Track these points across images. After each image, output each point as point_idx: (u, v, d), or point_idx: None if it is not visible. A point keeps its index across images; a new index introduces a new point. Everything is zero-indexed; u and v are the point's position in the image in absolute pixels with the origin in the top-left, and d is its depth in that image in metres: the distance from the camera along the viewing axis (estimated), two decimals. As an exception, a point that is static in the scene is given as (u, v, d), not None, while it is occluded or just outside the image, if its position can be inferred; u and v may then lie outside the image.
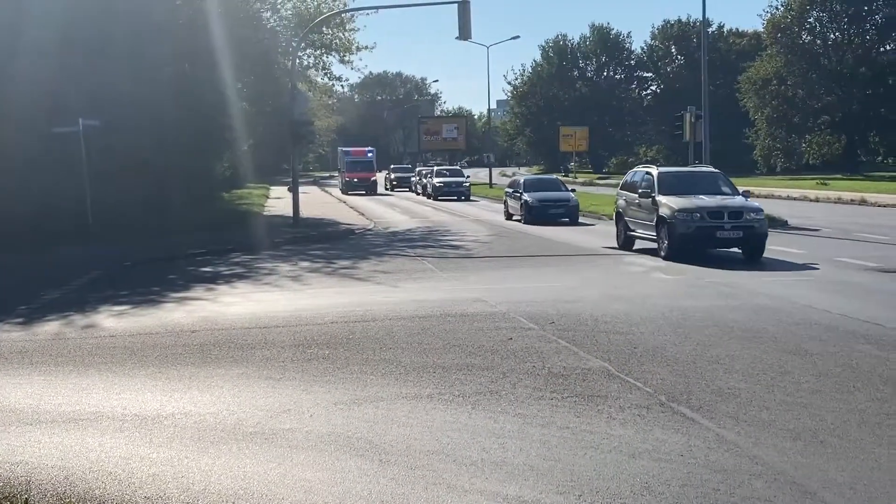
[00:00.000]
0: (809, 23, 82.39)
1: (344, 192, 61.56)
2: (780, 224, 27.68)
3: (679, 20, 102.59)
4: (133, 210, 27.17)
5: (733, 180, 23.68)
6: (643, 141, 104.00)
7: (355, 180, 61.81)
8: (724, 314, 12.42)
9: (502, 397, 8.34)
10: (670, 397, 8.19)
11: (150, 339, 11.70)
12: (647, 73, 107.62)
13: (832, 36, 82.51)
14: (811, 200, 42.28)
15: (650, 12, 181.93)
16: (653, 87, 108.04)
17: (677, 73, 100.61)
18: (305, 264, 20.61)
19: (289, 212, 32.15)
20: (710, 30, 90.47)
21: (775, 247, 21.78)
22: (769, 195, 45.76)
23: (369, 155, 64.51)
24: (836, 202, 40.39)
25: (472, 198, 52.70)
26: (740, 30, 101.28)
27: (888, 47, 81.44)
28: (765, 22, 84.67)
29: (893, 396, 8.04)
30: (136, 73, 27.72)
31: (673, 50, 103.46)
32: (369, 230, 30.12)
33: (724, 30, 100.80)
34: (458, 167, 67.98)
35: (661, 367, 9.38)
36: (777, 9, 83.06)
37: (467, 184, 54.25)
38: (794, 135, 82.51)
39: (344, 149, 67.72)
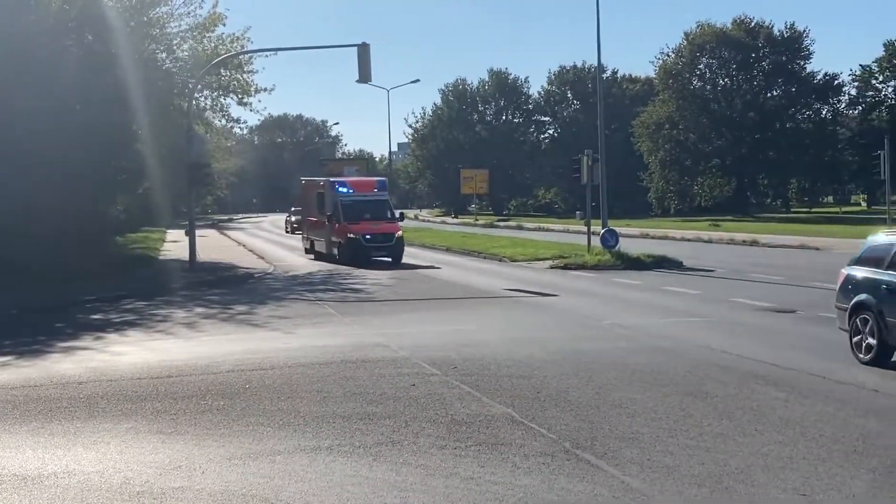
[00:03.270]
0: (700, 69, 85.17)
1: (329, 254, 33.88)
2: (675, 265, 28.15)
3: (574, 66, 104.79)
4: (22, 255, 26.09)
5: (629, 222, 24.05)
6: (542, 183, 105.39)
7: (367, 238, 31.95)
8: (625, 357, 12.42)
9: (405, 447, 8.09)
10: (575, 444, 8.06)
11: (33, 392, 11.09)
12: (545, 116, 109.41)
13: (721, 82, 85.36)
14: (705, 241, 43.23)
15: (546, 58, 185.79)
16: (550, 131, 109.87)
17: (574, 117, 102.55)
18: (201, 310, 20.03)
19: (185, 255, 31.37)
20: (604, 75, 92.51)
21: (672, 287, 22.11)
22: (664, 236, 46.69)
23: (381, 192, 34.99)
24: (728, 243, 41.36)
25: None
26: (633, 75, 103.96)
27: (775, 93, 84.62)
28: (657, 68, 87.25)
29: (795, 439, 8.06)
30: (26, 115, 26.78)
31: (569, 94, 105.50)
32: (269, 274, 29.56)
33: (619, 75, 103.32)
34: None
35: (564, 412, 9.27)
36: (668, 55, 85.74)
37: None
38: (687, 177, 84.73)
39: (331, 179, 35.17)
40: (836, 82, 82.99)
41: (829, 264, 28.83)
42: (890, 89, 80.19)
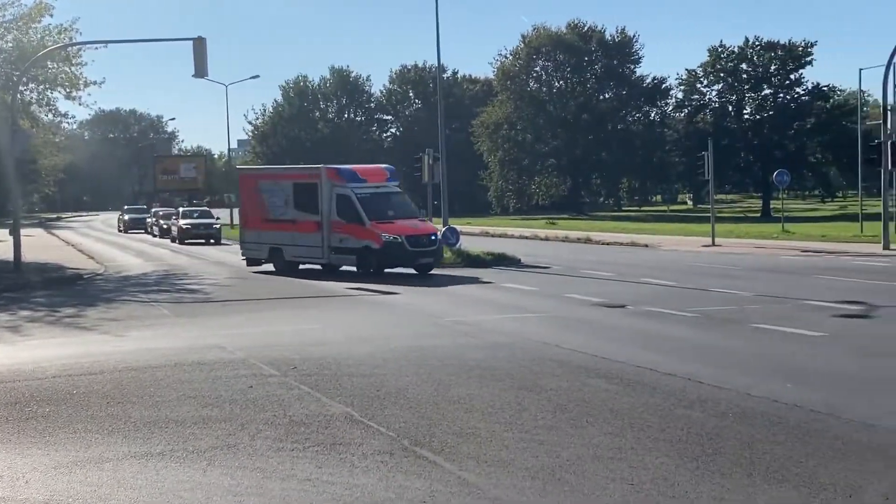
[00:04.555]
0: (536, 71, 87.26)
1: (310, 262, 27.52)
2: (514, 262, 28.70)
3: (416, 65, 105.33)
4: None
5: (469, 220, 24.44)
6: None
7: (410, 240, 25.36)
8: (464, 353, 12.56)
9: (240, 451, 7.92)
10: (413, 441, 8.08)
11: None
12: (387, 115, 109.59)
13: (557, 84, 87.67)
14: (542, 239, 44.27)
15: (388, 56, 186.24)
16: (392, 130, 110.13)
17: (416, 116, 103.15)
18: (26, 313, 19.09)
19: (9, 256, 29.83)
20: (445, 75, 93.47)
21: (510, 284, 22.53)
22: (503, 234, 47.53)
23: (394, 183, 28.13)
24: (563, 241, 42.47)
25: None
26: (473, 76, 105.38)
27: (607, 95, 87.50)
28: (496, 70, 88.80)
29: (624, 430, 8.33)
30: None
31: (411, 94, 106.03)
32: (99, 275, 28.45)
33: (459, 76, 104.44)
34: (206, 208, 58.25)
35: (403, 409, 9.29)
36: (506, 57, 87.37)
37: (217, 226, 49.01)
38: (525, 177, 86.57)
39: (329, 167, 27.96)
40: (663, 86, 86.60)
41: (657, 261, 30.07)
42: (714, 93, 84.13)
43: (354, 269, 25.82)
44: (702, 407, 9.14)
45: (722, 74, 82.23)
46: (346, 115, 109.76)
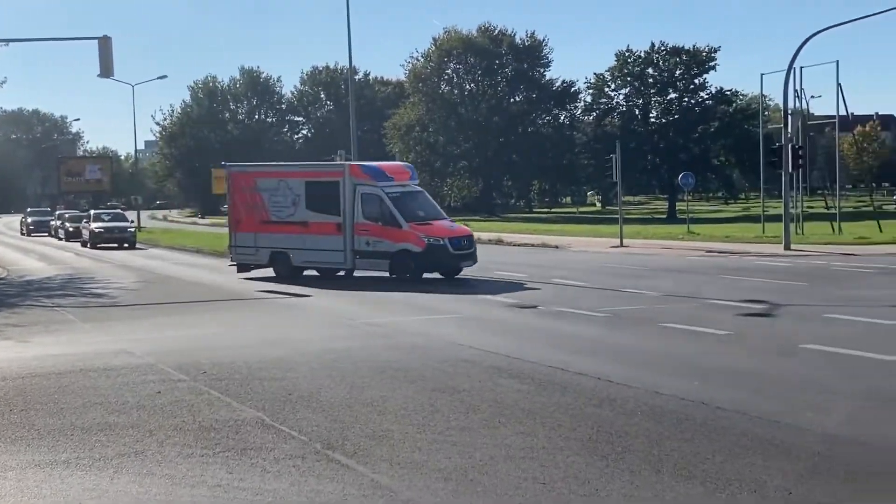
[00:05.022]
0: (447, 74, 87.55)
1: (329, 269, 25.46)
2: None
3: (327, 66, 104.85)
4: None
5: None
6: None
7: (453, 243, 24.07)
8: (377, 354, 12.52)
9: (149, 457, 7.75)
10: (326, 444, 8.02)
11: None
12: (298, 116, 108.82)
13: (468, 87, 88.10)
14: (454, 240, 44.35)
15: (299, 58, 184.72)
16: (304, 131, 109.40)
17: (327, 117, 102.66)
18: (-77, 319, 18.37)
19: None
20: (357, 77, 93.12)
21: (424, 285, 22.51)
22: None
23: (415, 182, 26.64)
24: (476, 242, 42.59)
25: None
26: (385, 78, 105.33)
27: (517, 98, 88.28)
28: (407, 72, 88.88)
29: (536, 429, 8.39)
30: None
31: (322, 95, 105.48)
32: (1, 279, 27.56)
33: (371, 77, 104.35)
34: (119, 210, 54.30)
35: (316, 412, 9.20)
36: (417, 60, 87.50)
37: (132, 229, 47.01)
38: (437, 179, 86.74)
39: (352, 163, 28.11)
40: (572, 89, 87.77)
41: (567, 261, 30.43)
42: (621, 97, 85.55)
43: (385, 274, 23.72)
44: (611, 405, 9.27)
45: (629, 79, 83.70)
46: (256, 116, 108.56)
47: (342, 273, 24.91)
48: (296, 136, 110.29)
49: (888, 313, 15.92)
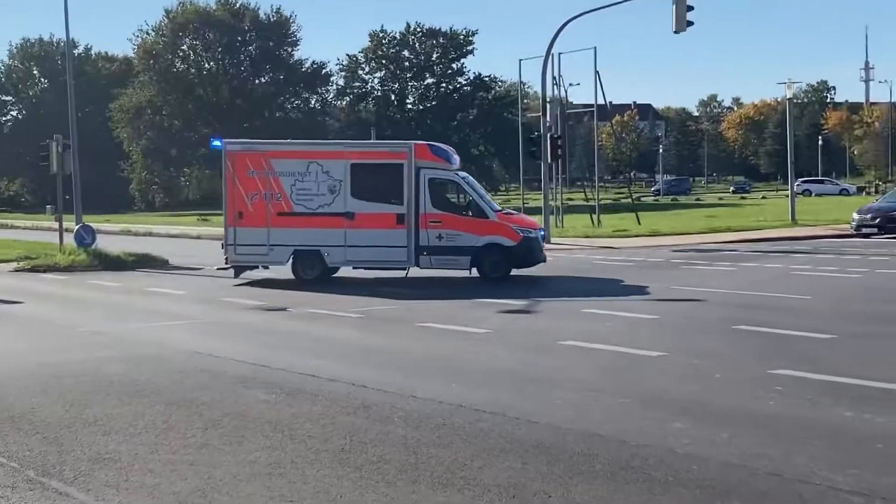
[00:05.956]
0: (183, 50, 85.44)
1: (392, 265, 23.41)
2: (160, 264, 27.90)
3: (41, 39, 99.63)
4: None
5: (109, 217, 23.40)
6: (4, 173, 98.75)
7: (542, 234, 25.90)
8: (102, 367, 12.02)
9: None
10: (40, 471, 7.61)
11: None
12: (7, 95, 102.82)
13: (207, 66, 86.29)
14: (193, 238, 43.40)
15: (7, 28, 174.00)
16: (14, 112, 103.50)
17: (41, 97, 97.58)
18: None
19: None
20: (76, 51, 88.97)
21: (157, 288, 21.88)
22: (149, 233, 46.21)
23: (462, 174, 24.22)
24: (218, 239, 41.70)
25: None
26: (111, 54, 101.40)
27: (263, 80, 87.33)
28: (136, 47, 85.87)
29: (283, 443, 8.33)
30: None
31: (36, 72, 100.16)
32: None
33: (93, 52, 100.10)
34: None
35: (29, 435, 8.72)
36: (148, 34, 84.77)
37: None
38: (173, 168, 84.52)
39: (419, 143, 24.43)
40: (324, 71, 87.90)
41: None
42: (376, 81, 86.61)
43: (463, 273, 22.70)
44: (366, 412, 9.35)
45: (384, 61, 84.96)
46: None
47: (404, 273, 23.21)
48: (4, 118, 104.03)
49: (646, 307, 17.01)
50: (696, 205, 74.85)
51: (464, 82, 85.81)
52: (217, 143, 24.29)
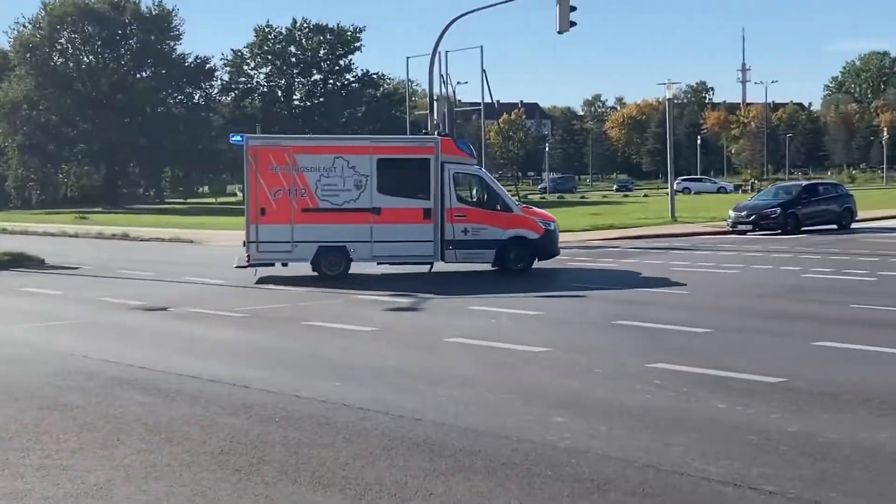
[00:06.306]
0: (61, 44, 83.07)
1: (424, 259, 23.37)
2: (36, 263, 27.08)
3: None
4: None
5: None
6: None
7: (553, 227, 24.19)
8: (-29, 371, 11.61)
9: None
10: None
11: None
12: None
13: (86, 59, 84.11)
14: (70, 236, 42.34)
15: None
16: None
17: None
18: None
19: None
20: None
21: (31, 289, 21.27)
22: (24, 231, 44.95)
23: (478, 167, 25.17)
24: (97, 237, 40.94)
25: None
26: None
27: (145, 74, 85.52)
28: (11, 40, 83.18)
29: (161, 446, 8.16)
30: None
31: None
32: None
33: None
34: None
35: None
36: (25, 26, 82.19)
37: None
38: (51, 164, 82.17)
39: (445, 137, 24.96)
40: (207, 66, 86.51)
41: (204, 258, 30.01)
42: (262, 76, 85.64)
43: (486, 266, 23.10)
44: (247, 413, 9.23)
45: (270, 57, 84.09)
46: None
47: (428, 267, 23.28)
48: None
49: (531, 303, 17.22)
50: (581, 202, 76.07)
51: (352, 79, 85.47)
52: (237, 138, 23.63)
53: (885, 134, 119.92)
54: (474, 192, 23.34)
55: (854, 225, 37.01)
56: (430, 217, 22.48)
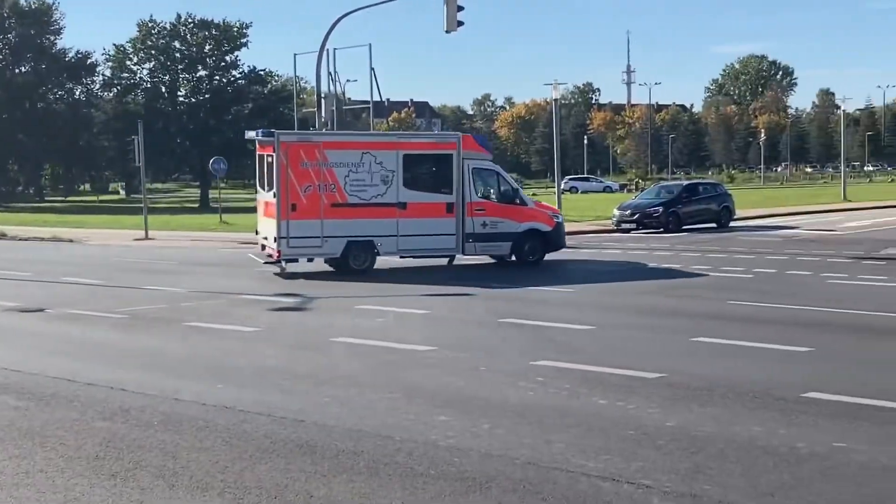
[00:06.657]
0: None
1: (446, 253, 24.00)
2: None
3: None
4: None
5: None
6: None
7: (560, 219, 25.69)
8: None
9: None
10: None
11: None
12: None
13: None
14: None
15: None
16: None
17: None
18: None
19: None
20: None
21: None
22: None
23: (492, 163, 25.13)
24: None
25: None
26: None
27: (24, 69, 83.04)
28: None
29: (33, 451, 7.92)
30: None
31: None
32: None
33: None
34: None
35: None
36: None
37: None
38: (-76, 162, 79.15)
39: (465, 133, 28.62)
40: (89, 61, 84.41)
41: (83, 257, 29.26)
42: (145, 72, 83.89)
43: (502, 257, 24.23)
44: (124, 417, 9.02)
45: (154, 52, 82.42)
46: None
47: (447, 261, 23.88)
48: None
49: (417, 302, 17.24)
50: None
51: (238, 76, 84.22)
52: (253, 134, 23.94)
53: (763, 135, 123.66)
54: (492, 186, 24.01)
55: (732, 224, 38.05)
56: (453, 211, 23.15)
